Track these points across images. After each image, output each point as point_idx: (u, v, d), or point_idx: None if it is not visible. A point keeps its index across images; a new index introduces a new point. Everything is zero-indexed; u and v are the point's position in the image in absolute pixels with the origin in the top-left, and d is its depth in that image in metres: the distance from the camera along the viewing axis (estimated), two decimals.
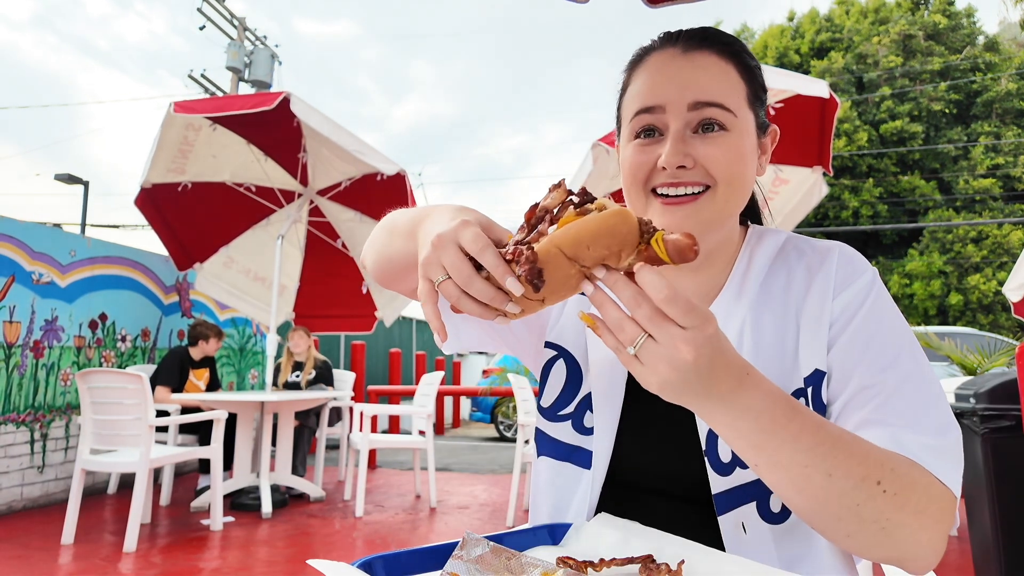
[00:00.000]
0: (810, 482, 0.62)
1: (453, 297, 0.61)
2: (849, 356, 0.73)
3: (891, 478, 0.62)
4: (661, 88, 0.78)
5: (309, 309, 6.38)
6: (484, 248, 0.58)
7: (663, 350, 0.55)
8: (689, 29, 0.83)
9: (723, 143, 0.76)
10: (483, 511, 4.75)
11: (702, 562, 0.64)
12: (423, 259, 0.63)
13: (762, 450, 0.62)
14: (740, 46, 0.83)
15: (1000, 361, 5.28)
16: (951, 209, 18.41)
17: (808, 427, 0.61)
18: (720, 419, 0.61)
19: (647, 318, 0.55)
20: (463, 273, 0.59)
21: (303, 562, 3.39)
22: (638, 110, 0.79)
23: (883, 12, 20.58)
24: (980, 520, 2.72)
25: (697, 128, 0.77)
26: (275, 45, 16.52)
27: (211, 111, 4.67)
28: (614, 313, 0.57)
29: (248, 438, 4.71)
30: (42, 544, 3.66)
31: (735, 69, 0.80)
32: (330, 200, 5.76)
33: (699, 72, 0.78)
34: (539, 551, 0.72)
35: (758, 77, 0.83)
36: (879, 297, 0.76)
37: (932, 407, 0.69)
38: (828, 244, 0.83)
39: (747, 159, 0.79)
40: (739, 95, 0.79)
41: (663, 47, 0.82)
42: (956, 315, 17.22)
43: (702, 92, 0.77)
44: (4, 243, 4.52)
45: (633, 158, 0.80)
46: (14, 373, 4.58)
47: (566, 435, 0.87)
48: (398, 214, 0.84)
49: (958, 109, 19.15)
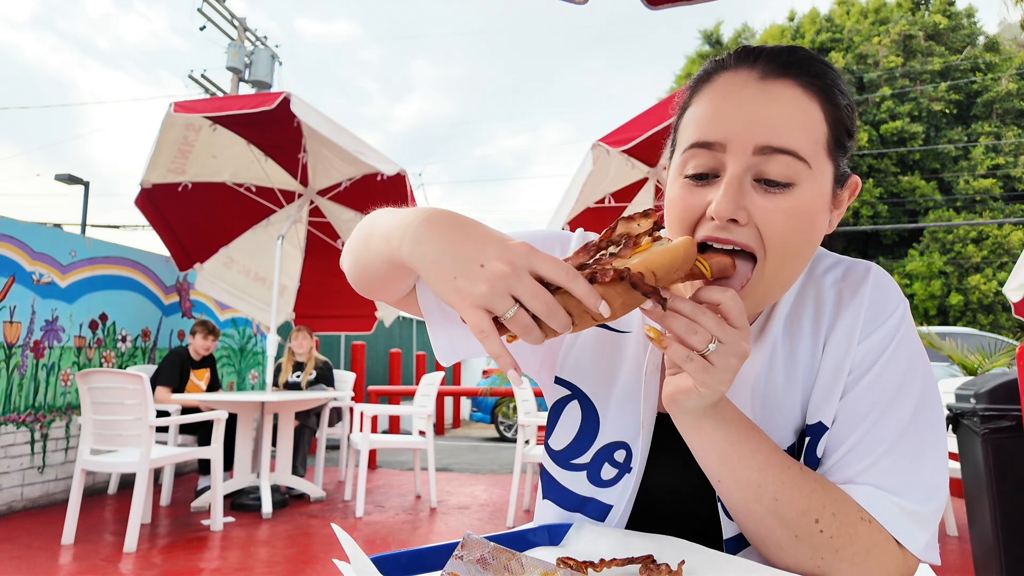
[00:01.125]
0: (760, 503, 0.65)
1: (526, 329, 0.56)
2: (856, 411, 0.71)
3: (830, 521, 0.65)
4: (726, 120, 0.67)
5: (309, 309, 6.38)
6: (575, 276, 0.56)
7: (731, 348, 0.61)
8: (773, 48, 0.70)
9: (787, 202, 0.65)
10: (483, 511, 4.75)
11: (702, 563, 0.64)
12: (484, 290, 0.56)
13: (726, 463, 0.66)
14: (833, 77, 0.70)
15: (1001, 361, 5.28)
16: (951, 209, 18.40)
17: (764, 446, 0.67)
18: (705, 425, 0.66)
19: (715, 324, 0.60)
20: (549, 304, 0.55)
21: (303, 563, 3.39)
22: (694, 142, 0.68)
23: (883, 12, 20.58)
24: (981, 520, 2.72)
25: (760, 177, 0.66)
26: (275, 45, 16.53)
27: (211, 111, 4.67)
28: (684, 321, 0.61)
29: (248, 438, 4.71)
30: (42, 544, 3.66)
31: (820, 108, 0.67)
32: (330, 200, 5.76)
33: (774, 108, 0.66)
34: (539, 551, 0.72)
35: (846, 119, 0.70)
36: (903, 341, 0.72)
37: (924, 470, 0.68)
38: (861, 269, 0.76)
39: (813, 221, 0.68)
40: (819, 141, 0.67)
41: (737, 66, 0.69)
42: (957, 315, 17.21)
43: (773, 134, 0.65)
44: (4, 243, 4.52)
45: (680, 199, 0.70)
46: (14, 373, 4.58)
47: (579, 486, 0.81)
48: (379, 220, 0.74)
49: (958, 109, 19.14)
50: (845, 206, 0.74)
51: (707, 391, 0.62)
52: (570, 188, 4.32)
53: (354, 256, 0.80)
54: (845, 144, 0.71)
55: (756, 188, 0.66)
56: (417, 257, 0.62)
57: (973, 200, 18.14)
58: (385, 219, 0.71)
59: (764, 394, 0.74)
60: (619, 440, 0.79)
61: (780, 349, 0.75)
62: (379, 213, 0.77)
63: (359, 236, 0.78)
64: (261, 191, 5.66)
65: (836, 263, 0.78)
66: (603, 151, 4.13)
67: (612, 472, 0.79)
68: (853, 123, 0.72)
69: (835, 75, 0.70)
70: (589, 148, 4.15)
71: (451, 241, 0.60)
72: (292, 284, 6.30)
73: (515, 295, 0.56)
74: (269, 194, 5.68)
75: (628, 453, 0.79)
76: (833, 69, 0.71)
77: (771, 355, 0.75)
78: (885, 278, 0.75)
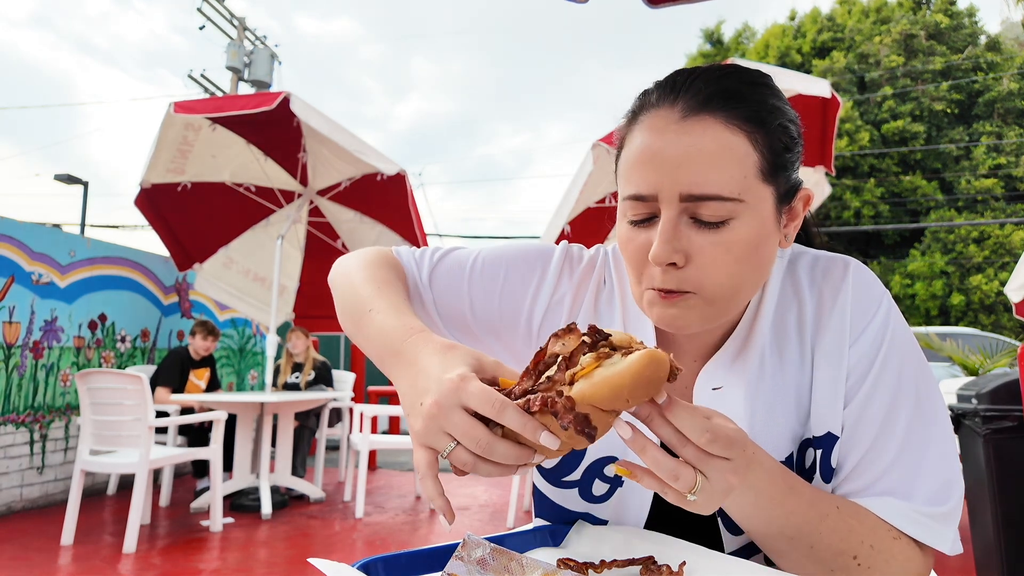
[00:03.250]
0: (793, 550, 0.67)
1: (468, 465, 0.54)
2: (862, 419, 0.70)
3: (868, 553, 0.66)
4: (651, 172, 0.65)
5: (309, 309, 6.38)
6: (503, 408, 0.52)
7: (716, 485, 0.57)
8: (694, 78, 0.67)
9: (724, 237, 0.65)
10: (483, 512, 4.75)
11: (703, 564, 0.63)
12: (419, 428, 0.55)
13: (753, 521, 0.66)
14: (759, 99, 0.67)
15: (1002, 362, 5.28)
16: (953, 209, 18.40)
17: (800, 507, 0.65)
18: (734, 501, 0.64)
19: (696, 459, 0.57)
20: (481, 441, 0.53)
21: (303, 563, 3.38)
22: (628, 195, 0.68)
23: (885, 12, 20.57)
24: (982, 521, 2.71)
25: (694, 216, 0.65)
26: (275, 45, 16.54)
27: (211, 111, 4.67)
28: (667, 462, 0.56)
29: (248, 439, 4.71)
30: (41, 545, 3.66)
31: (747, 138, 0.65)
32: (330, 200, 5.76)
33: (694, 153, 0.64)
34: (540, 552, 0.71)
35: (781, 137, 0.68)
36: (894, 337, 0.71)
37: (936, 466, 0.69)
38: (840, 267, 0.75)
39: (757, 250, 0.67)
40: (748, 174, 0.65)
41: (659, 104, 0.68)
42: (958, 315, 17.21)
43: (696, 182, 0.63)
44: (3, 243, 4.52)
45: (629, 240, 0.70)
46: (13, 374, 4.58)
47: (572, 503, 0.81)
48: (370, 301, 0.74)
49: (960, 109, 19.14)
50: (801, 216, 0.73)
51: (696, 512, 0.60)
52: (570, 188, 4.32)
53: (345, 321, 0.82)
54: (785, 161, 0.68)
55: (692, 225, 0.65)
56: (396, 386, 0.65)
57: (975, 200, 18.13)
58: (376, 312, 0.72)
59: (754, 409, 0.73)
60: (609, 455, 0.79)
61: (768, 360, 0.74)
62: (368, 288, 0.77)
63: (350, 305, 0.79)
64: (260, 191, 5.66)
65: (814, 262, 0.77)
66: (603, 151, 4.13)
67: (604, 488, 0.79)
68: (791, 136, 0.69)
69: (761, 95, 0.67)
70: (589, 148, 4.15)
71: (410, 377, 0.61)
72: (292, 284, 6.30)
73: (448, 432, 0.54)
74: (269, 194, 5.68)
75: None
76: (761, 86, 0.68)
77: (759, 366, 0.74)
78: (864, 273, 0.74)
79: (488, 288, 0.83)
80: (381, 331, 0.69)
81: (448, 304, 0.84)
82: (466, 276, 0.84)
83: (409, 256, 0.89)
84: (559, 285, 0.82)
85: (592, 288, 0.82)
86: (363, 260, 0.85)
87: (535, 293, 0.82)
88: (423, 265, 0.87)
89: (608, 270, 0.84)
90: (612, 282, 0.83)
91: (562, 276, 0.83)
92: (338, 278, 0.87)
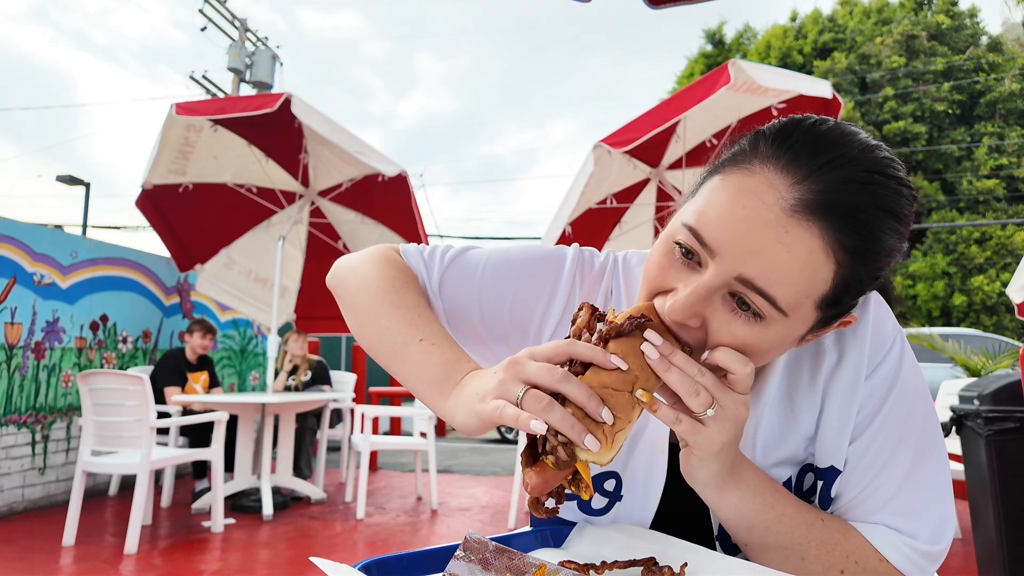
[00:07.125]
0: (787, 562, 0.69)
1: (539, 408, 0.55)
2: (868, 452, 0.71)
3: (854, 569, 0.69)
4: (727, 233, 0.59)
5: (310, 310, 6.38)
6: (563, 377, 0.57)
7: (728, 411, 0.61)
8: (822, 161, 0.59)
9: (748, 330, 0.61)
10: (485, 513, 4.74)
11: (704, 565, 0.63)
12: (492, 385, 0.59)
13: (753, 530, 0.68)
14: (874, 232, 0.59)
15: (1004, 363, 5.27)
16: (955, 210, 18.37)
17: (789, 511, 0.68)
18: (730, 496, 0.67)
19: (716, 386, 0.61)
20: (555, 373, 0.57)
21: (304, 564, 3.38)
22: (691, 226, 0.62)
23: (886, 12, 20.56)
24: (984, 522, 2.70)
25: (734, 293, 0.61)
26: (277, 46, 16.55)
27: (213, 113, 4.67)
28: (692, 367, 0.60)
29: (249, 440, 4.71)
30: (43, 546, 3.66)
31: (834, 269, 0.59)
32: (331, 201, 5.76)
33: (780, 252, 0.57)
34: (541, 553, 0.71)
35: (865, 278, 0.62)
36: (907, 373, 0.71)
37: (932, 503, 0.70)
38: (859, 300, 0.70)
39: (770, 351, 0.64)
40: (810, 295, 0.60)
41: (773, 176, 0.60)
42: (960, 316, 17.18)
43: (760, 276, 0.58)
44: (5, 244, 4.52)
45: (659, 266, 0.65)
46: (15, 374, 4.58)
47: (570, 516, 0.81)
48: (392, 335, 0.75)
49: (961, 110, 19.12)
50: (829, 331, 0.68)
51: (700, 453, 0.62)
52: (572, 189, 4.31)
53: (361, 336, 0.81)
54: (848, 303, 0.64)
55: (725, 305, 0.61)
56: (440, 408, 0.68)
57: (976, 201, 18.10)
58: (421, 342, 0.73)
59: (755, 434, 0.74)
60: (608, 470, 0.80)
61: (778, 389, 0.75)
62: (396, 313, 0.76)
63: (372, 324, 0.78)
64: (262, 192, 5.67)
65: None
66: (605, 152, 4.13)
67: (603, 501, 0.80)
68: (875, 280, 0.63)
69: (880, 228, 0.59)
70: (591, 149, 4.14)
71: (465, 391, 0.65)
72: (293, 285, 6.30)
73: (524, 379, 0.58)
74: (270, 195, 5.69)
75: (618, 482, 0.79)
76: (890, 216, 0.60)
77: (767, 393, 0.74)
78: (883, 307, 0.73)
79: (499, 296, 0.82)
80: (427, 364, 0.71)
81: (458, 313, 0.84)
82: (476, 284, 0.83)
83: (418, 258, 0.86)
84: (571, 296, 0.81)
85: (600, 300, 0.82)
86: (372, 266, 0.82)
87: (547, 305, 0.81)
88: (433, 270, 0.84)
89: (616, 279, 0.83)
90: (620, 292, 0.82)
91: (574, 286, 0.82)
92: (348, 283, 0.83)
